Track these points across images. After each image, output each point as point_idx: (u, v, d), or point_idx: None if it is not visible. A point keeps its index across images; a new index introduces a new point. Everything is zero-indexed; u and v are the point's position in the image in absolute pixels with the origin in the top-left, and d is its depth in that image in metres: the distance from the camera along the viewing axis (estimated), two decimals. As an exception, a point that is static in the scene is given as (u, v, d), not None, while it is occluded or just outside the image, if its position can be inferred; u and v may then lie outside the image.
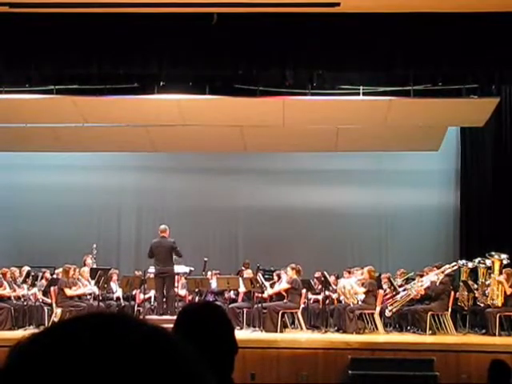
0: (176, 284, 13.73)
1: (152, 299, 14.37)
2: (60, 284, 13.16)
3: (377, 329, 12.85)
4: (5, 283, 13.17)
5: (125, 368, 0.70)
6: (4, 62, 11.97)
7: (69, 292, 13.05)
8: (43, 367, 0.69)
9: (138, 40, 11.54)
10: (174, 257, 13.47)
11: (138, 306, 14.24)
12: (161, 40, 11.51)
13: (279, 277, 13.88)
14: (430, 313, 12.71)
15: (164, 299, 13.37)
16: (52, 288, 13.41)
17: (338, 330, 12.82)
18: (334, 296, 13.79)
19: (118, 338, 0.72)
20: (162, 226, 13.79)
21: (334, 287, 13.75)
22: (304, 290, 13.42)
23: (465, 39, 11.28)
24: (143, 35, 11.44)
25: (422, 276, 13.69)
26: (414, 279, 13.99)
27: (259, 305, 13.14)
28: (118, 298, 14.16)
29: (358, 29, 11.18)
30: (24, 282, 13.62)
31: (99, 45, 11.58)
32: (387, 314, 13.12)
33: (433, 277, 13.26)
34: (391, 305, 13.13)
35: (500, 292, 12.81)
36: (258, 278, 13.47)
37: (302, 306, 13.38)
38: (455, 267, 13.72)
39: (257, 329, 12.92)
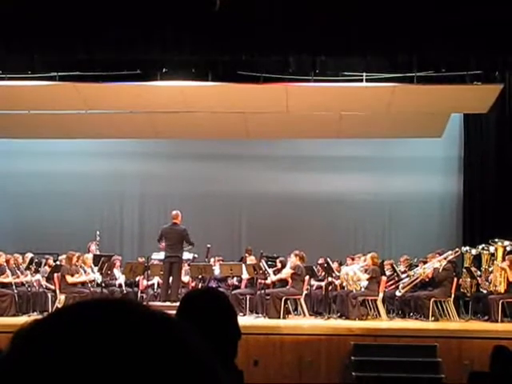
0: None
1: (155, 286, 14.39)
2: (62, 271, 13.21)
3: (379, 315, 12.88)
4: (7, 271, 13.20)
5: (129, 353, 0.70)
6: (7, 49, 11.95)
7: (70, 279, 13.09)
8: (46, 353, 0.70)
9: (140, 26, 11.51)
10: (185, 244, 13.42)
11: (142, 292, 14.25)
12: (163, 26, 11.47)
13: (282, 263, 13.90)
14: (432, 299, 12.73)
15: (169, 285, 13.35)
16: (55, 274, 13.46)
17: (340, 317, 12.85)
18: (337, 282, 13.81)
19: (122, 323, 0.72)
20: (174, 212, 13.63)
21: (337, 274, 13.77)
22: (307, 277, 13.44)
23: (468, 25, 11.22)
24: (146, 21, 11.41)
25: (425, 263, 13.70)
26: (417, 266, 14.02)
27: (262, 291, 13.16)
28: (120, 285, 14.20)
29: (360, 14, 11.13)
30: (27, 268, 13.67)
31: (102, 31, 11.55)
32: (397, 293, 13.16)
33: (435, 263, 13.27)
34: (403, 288, 13.14)
35: (503, 278, 12.82)
36: (261, 264, 13.49)
37: (305, 292, 13.40)
38: (457, 253, 13.73)
39: (260, 315, 12.95)
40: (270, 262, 14.24)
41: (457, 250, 13.85)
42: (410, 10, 11.05)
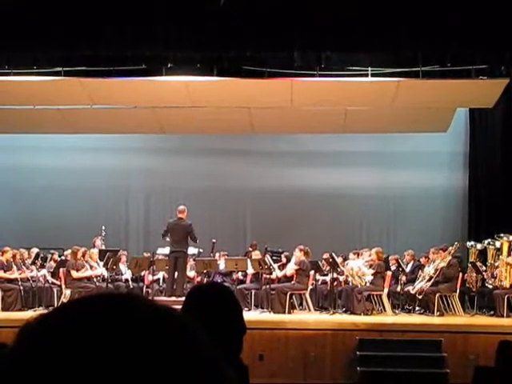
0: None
1: (161, 280, 14.41)
2: (67, 266, 13.23)
3: (385, 310, 12.88)
4: (14, 267, 13.23)
5: (133, 349, 0.70)
6: (12, 44, 11.95)
7: (75, 274, 13.11)
8: (50, 348, 0.70)
9: (145, 21, 11.50)
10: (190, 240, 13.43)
11: (147, 287, 14.27)
12: (168, 21, 11.46)
13: (287, 258, 13.90)
14: (438, 294, 12.72)
15: (174, 280, 13.34)
16: (61, 269, 13.49)
17: (345, 312, 12.86)
18: (342, 278, 13.81)
19: (126, 319, 0.72)
20: (181, 207, 13.63)
21: (342, 269, 13.76)
22: (312, 272, 13.45)
23: (474, 19, 11.19)
24: (151, 16, 11.40)
25: (427, 257, 13.70)
26: (419, 261, 14.02)
27: (267, 286, 13.17)
28: (126, 280, 14.21)
29: (365, 9, 11.11)
30: (33, 263, 13.70)
31: (107, 26, 11.54)
32: (412, 291, 13.12)
33: (441, 263, 13.21)
34: (420, 290, 13.09)
35: (508, 273, 12.81)
36: (266, 259, 13.49)
37: (310, 287, 13.40)
38: (457, 246, 13.67)
39: (265, 310, 12.96)
40: (274, 257, 14.24)
41: (456, 243, 13.79)
42: (415, 5, 11.02)
